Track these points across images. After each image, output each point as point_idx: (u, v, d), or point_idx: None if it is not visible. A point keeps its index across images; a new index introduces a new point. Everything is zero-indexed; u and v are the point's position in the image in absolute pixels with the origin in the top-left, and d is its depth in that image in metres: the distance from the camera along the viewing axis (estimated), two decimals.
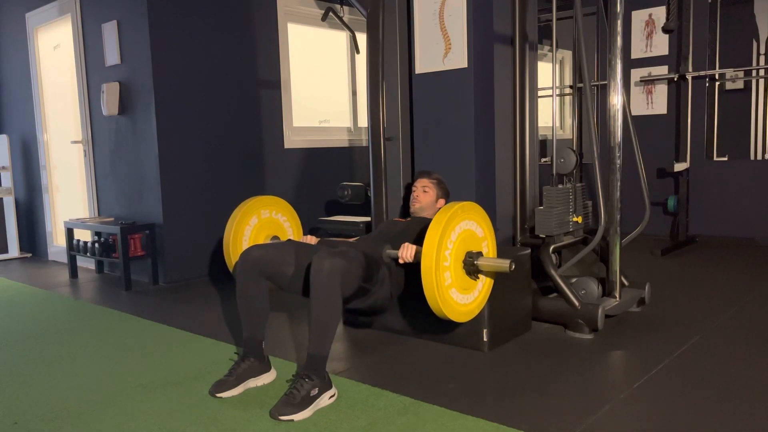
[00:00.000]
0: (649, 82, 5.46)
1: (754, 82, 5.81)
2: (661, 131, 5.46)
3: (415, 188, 2.89)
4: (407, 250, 2.38)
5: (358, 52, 5.51)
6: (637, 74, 5.51)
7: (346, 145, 5.43)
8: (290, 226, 3.06)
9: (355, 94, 5.69)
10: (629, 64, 5.51)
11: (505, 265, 2.26)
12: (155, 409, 2.15)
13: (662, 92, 5.43)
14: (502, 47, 3.17)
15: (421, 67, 3.23)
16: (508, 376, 2.35)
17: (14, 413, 2.16)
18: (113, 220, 4.52)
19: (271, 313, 2.67)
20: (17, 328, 3.28)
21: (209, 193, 4.44)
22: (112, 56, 4.44)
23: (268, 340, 2.52)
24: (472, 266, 2.29)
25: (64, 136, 5.20)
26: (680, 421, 1.92)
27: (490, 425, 1.92)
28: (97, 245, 4.35)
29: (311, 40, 5.27)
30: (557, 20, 3.27)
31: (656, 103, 5.46)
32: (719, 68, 5.24)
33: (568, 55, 6.60)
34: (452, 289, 2.24)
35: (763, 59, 5.79)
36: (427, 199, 2.86)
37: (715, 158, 5.30)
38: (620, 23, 2.78)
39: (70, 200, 5.27)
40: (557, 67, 5.94)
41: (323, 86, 5.43)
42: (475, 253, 2.30)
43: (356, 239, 2.80)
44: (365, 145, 5.57)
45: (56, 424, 2.06)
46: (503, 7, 3.15)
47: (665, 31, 5.08)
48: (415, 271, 2.33)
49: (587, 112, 4.28)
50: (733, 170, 5.15)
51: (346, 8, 5.31)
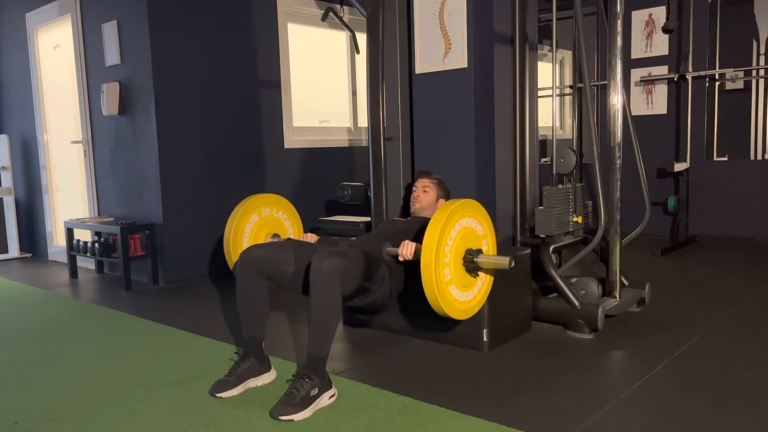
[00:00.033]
0: (649, 82, 5.46)
1: (754, 82, 5.80)
2: (661, 131, 5.46)
3: (415, 188, 2.89)
4: (407, 247, 2.39)
5: (358, 52, 5.50)
6: (637, 74, 5.51)
7: (346, 145, 5.43)
8: (291, 224, 3.07)
9: (355, 94, 5.68)
10: (629, 64, 5.52)
11: (504, 262, 2.25)
12: (155, 409, 2.15)
13: (662, 92, 5.43)
14: (502, 47, 3.17)
15: (421, 67, 3.23)
16: (508, 376, 2.35)
17: (14, 413, 2.16)
18: (113, 220, 4.52)
19: (271, 313, 2.68)
20: (17, 328, 3.28)
21: (209, 193, 4.44)
22: (112, 56, 4.44)
23: (268, 340, 2.52)
24: (471, 263, 2.29)
25: (64, 136, 5.19)
26: (680, 421, 1.92)
27: (490, 425, 1.92)
28: (97, 245, 4.35)
29: (311, 40, 5.27)
30: (557, 20, 3.28)
31: (656, 103, 5.46)
32: (719, 68, 5.25)
33: (568, 55, 6.60)
34: (452, 285, 2.24)
35: (763, 59, 5.79)
36: (427, 199, 2.86)
37: (715, 158, 5.31)
38: (620, 23, 2.78)
39: (70, 200, 5.27)
40: (557, 67, 5.95)
41: (323, 86, 5.43)
42: (474, 250, 2.30)
43: (356, 238, 2.80)
44: (365, 145, 5.57)
45: (56, 424, 2.06)
46: (503, 7, 3.15)
47: (665, 31, 5.08)
48: (414, 269, 2.33)
49: (587, 112, 4.28)
50: (733, 170, 5.15)
51: (346, 8, 5.31)
